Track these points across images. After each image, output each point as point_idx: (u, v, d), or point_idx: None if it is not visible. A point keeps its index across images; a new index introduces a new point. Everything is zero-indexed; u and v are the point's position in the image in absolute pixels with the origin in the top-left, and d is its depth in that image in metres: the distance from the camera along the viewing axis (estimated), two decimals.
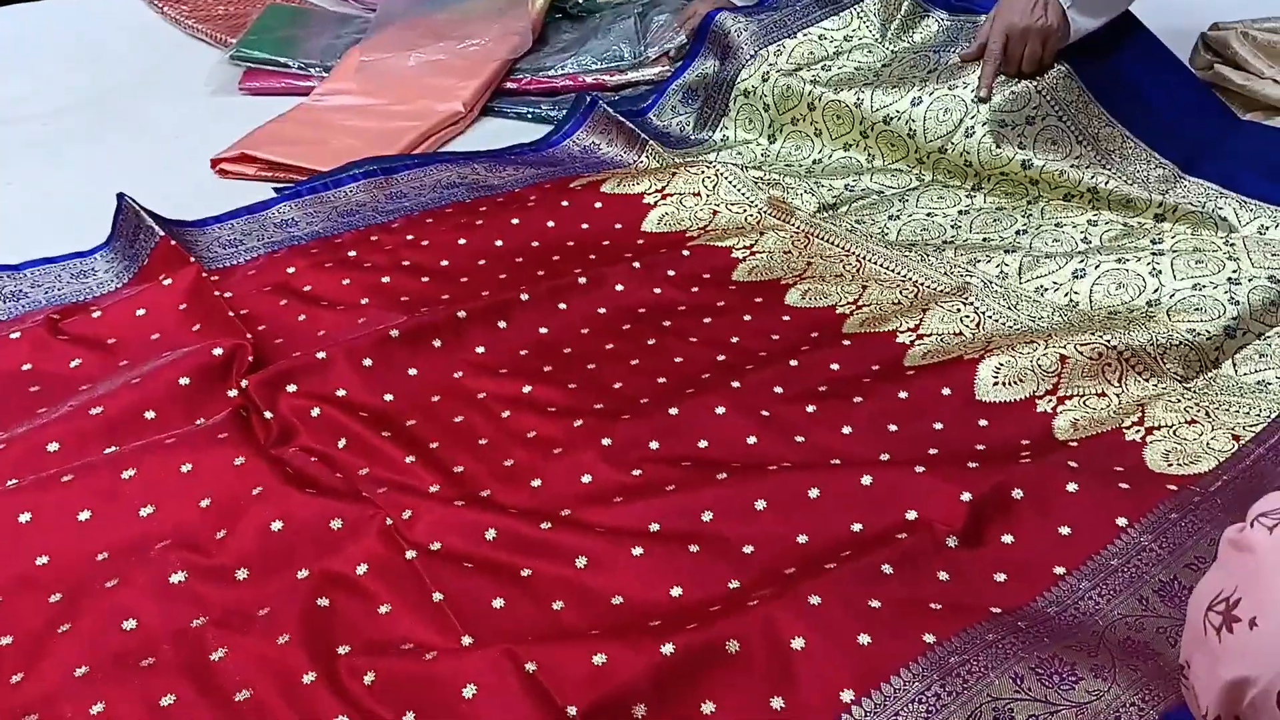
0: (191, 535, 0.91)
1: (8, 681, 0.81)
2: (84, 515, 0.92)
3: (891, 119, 1.44)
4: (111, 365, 1.13)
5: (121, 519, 0.92)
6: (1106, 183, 1.32)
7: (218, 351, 1.10)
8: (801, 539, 0.89)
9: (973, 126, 1.38)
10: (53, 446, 1.00)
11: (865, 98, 1.46)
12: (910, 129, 1.43)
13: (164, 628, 0.83)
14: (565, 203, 1.42)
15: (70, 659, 0.81)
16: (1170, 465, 0.96)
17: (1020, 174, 1.36)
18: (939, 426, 1.02)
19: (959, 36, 1.49)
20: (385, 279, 1.26)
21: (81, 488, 0.94)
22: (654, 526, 0.91)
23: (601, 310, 1.21)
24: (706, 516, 0.91)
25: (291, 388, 1.06)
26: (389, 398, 1.07)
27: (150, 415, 1.04)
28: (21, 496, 0.94)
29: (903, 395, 1.05)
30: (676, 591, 0.85)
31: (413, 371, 1.11)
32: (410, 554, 0.89)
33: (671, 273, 1.27)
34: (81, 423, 1.03)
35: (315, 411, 1.04)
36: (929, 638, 0.78)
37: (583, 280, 1.24)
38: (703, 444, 1.00)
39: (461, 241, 1.34)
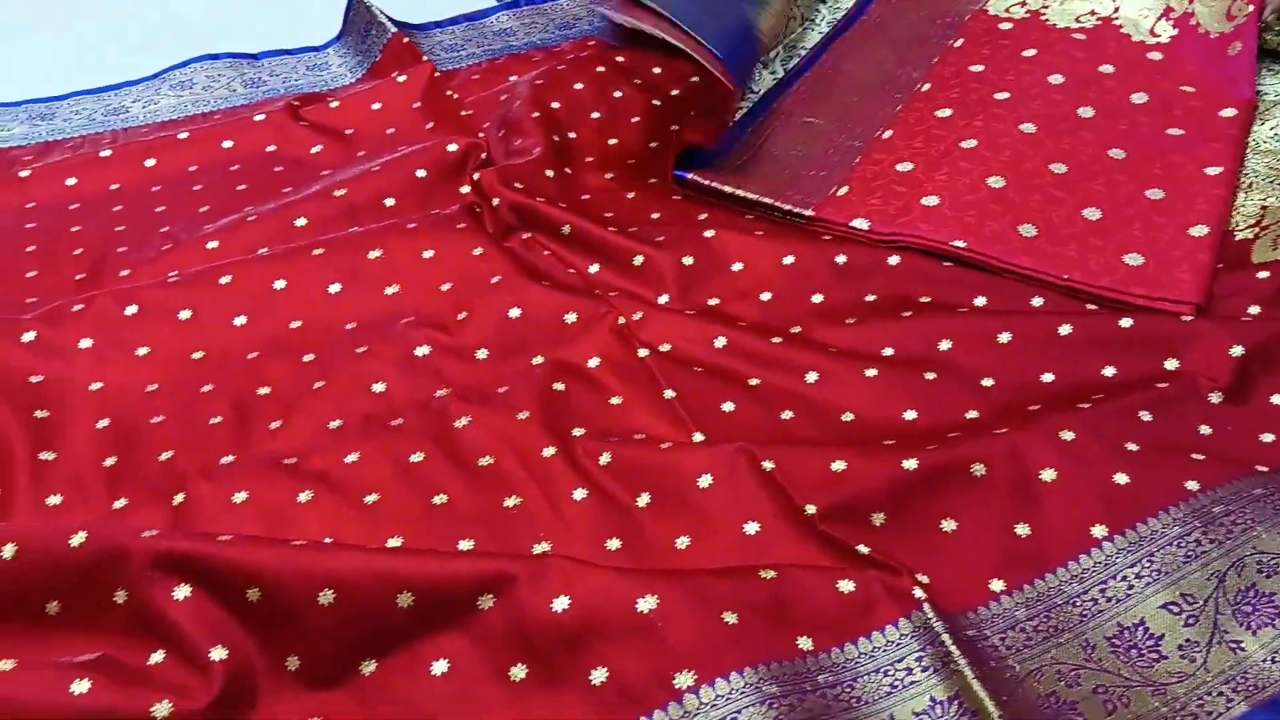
0: (433, 315, 0.94)
1: (266, 428, 0.86)
2: (334, 288, 0.97)
3: None
4: (350, 155, 1.16)
5: (368, 294, 0.96)
6: None
7: (453, 148, 1.11)
8: (1047, 377, 0.85)
9: None
10: (300, 221, 1.05)
11: None
12: None
13: (410, 395, 0.87)
14: None
15: (324, 413, 0.86)
16: None
17: None
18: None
19: None
20: (617, 94, 1.23)
21: (331, 262, 0.98)
22: (888, 351, 0.88)
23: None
24: (944, 345, 0.88)
25: (518, 185, 1.07)
26: (631, 196, 1.07)
27: (389, 203, 1.07)
28: (275, 265, 0.99)
29: None
30: (911, 415, 0.83)
31: (652, 180, 1.09)
32: (643, 352, 0.89)
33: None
34: (326, 203, 1.07)
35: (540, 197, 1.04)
36: (1192, 485, 0.73)
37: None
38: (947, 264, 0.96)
39: None
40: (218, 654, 0.66)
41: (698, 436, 0.82)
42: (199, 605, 0.68)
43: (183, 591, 0.68)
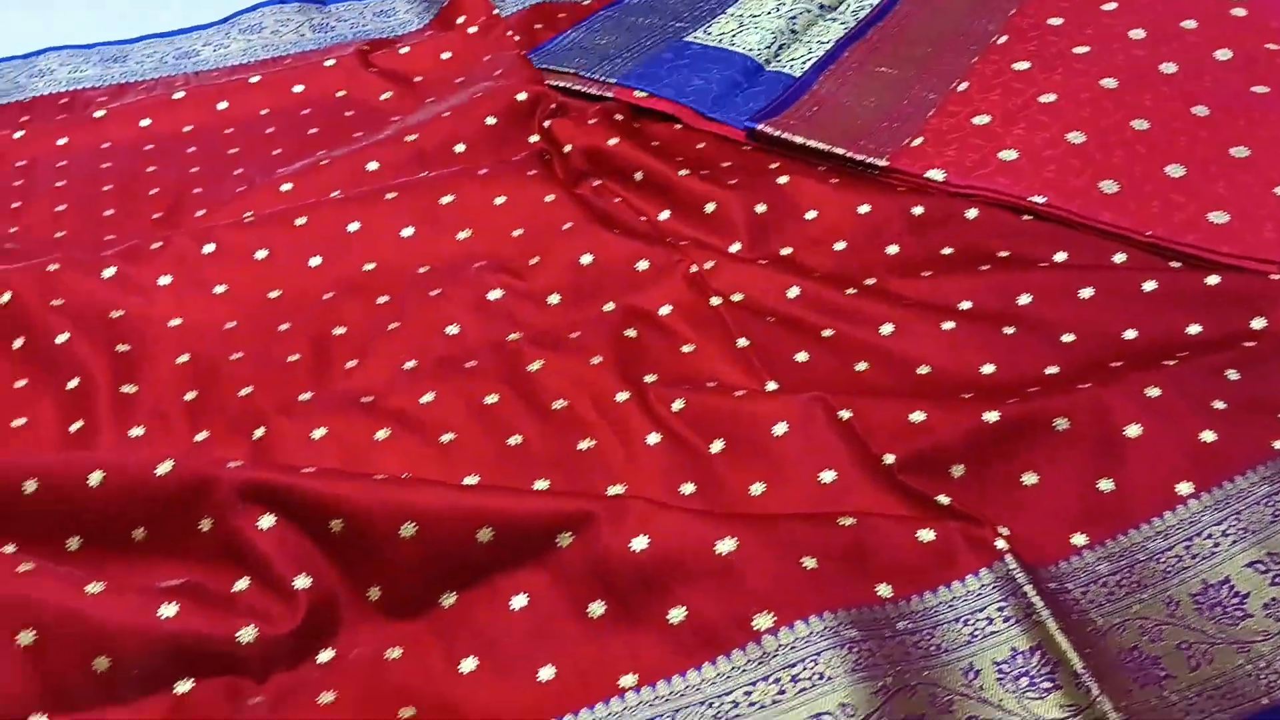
0: (506, 260, 0.94)
1: (343, 367, 0.87)
2: (407, 231, 0.97)
3: None
4: (418, 103, 1.17)
5: (441, 238, 0.96)
6: None
7: (522, 96, 1.11)
8: (1129, 334, 0.83)
9: None
10: (372, 166, 1.05)
11: None
12: None
13: (483, 337, 0.87)
14: None
15: (399, 353, 0.87)
16: None
17: None
18: None
19: None
20: None
21: (404, 206, 0.99)
22: (965, 304, 0.87)
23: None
24: (1023, 299, 0.87)
25: (593, 120, 1.06)
26: (701, 146, 1.06)
27: (460, 149, 1.07)
28: (349, 208, 0.99)
29: None
30: (989, 369, 0.82)
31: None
32: (715, 301, 0.89)
33: None
34: (397, 147, 1.07)
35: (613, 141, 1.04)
36: (1279, 444, 0.72)
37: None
38: (1026, 217, 0.94)
39: None
40: (301, 582, 0.67)
41: (771, 385, 0.82)
42: (283, 535, 0.69)
43: (268, 521, 0.69)
